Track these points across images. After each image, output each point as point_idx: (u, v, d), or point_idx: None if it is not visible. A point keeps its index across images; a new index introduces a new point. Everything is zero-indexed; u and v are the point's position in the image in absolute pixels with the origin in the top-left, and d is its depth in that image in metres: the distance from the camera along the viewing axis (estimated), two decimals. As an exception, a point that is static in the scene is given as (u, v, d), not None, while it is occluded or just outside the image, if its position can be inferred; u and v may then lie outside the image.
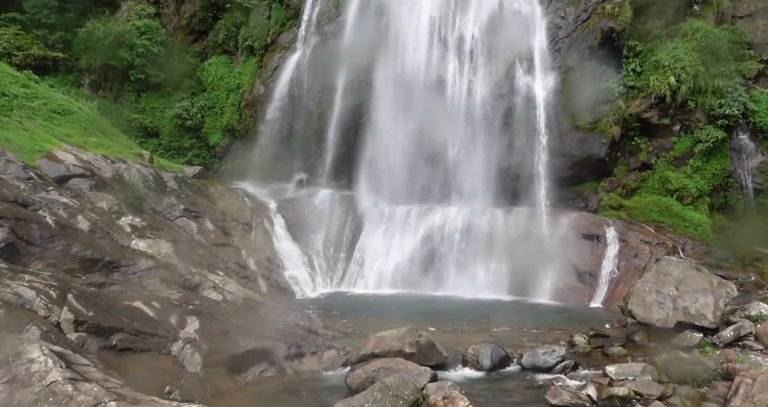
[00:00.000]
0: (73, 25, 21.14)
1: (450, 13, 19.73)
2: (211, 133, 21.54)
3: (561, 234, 15.41)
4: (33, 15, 21.08)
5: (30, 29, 20.66)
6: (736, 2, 15.40)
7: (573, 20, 17.99)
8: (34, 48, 19.11)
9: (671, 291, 8.86)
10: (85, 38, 20.34)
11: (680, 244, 14.02)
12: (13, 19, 20.62)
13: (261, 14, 21.97)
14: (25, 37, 19.40)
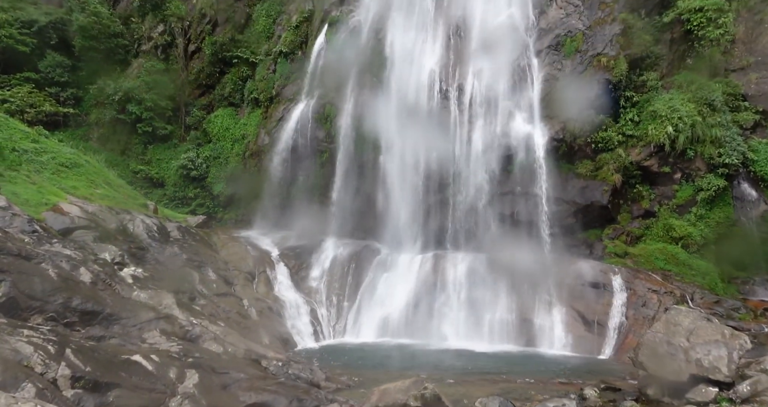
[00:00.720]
0: (85, 83, 22.00)
1: (449, 65, 20.33)
2: (216, 183, 21.81)
3: (567, 282, 15.24)
4: (47, 74, 22.09)
5: (43, 87, 21.57)
6: (728, 56, 15.95)
7: (570, 72, 18.49)
8: (46, 105, 19.91)
9: (682, 342, 8.64)
10: (96, 94, 21.15)
11: (689, 293, 13.81)
12: (28, 78, 21.60)
13: (267, 68, 22.73)
14: (38, 94, 20.26)
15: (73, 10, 22.26)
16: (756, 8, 15.97)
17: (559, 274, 15.48)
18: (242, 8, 23.29)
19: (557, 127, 18.16)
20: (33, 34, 22.32)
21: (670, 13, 16.25)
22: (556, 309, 14.65)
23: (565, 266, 15.66)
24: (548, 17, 19.39)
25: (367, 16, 21.44)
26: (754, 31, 15.84)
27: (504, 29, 19.79)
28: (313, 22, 22.82)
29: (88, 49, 22.31)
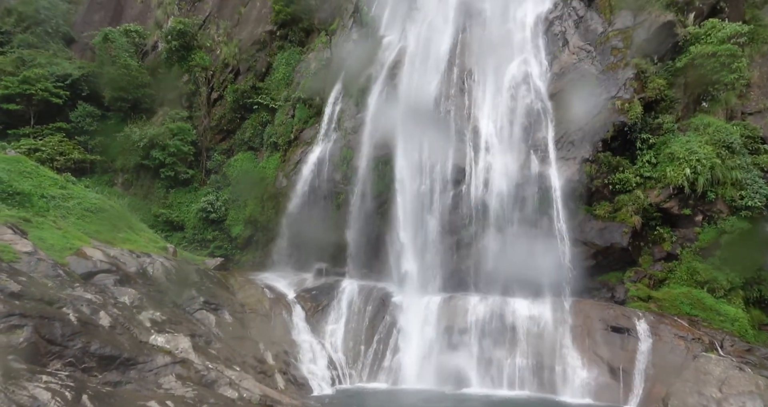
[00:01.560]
0: (112, 131, 23.03)
1: (464, 106, 20.63)
2: (234, 225, 22.09)
3: (589, 326, 14.85)
4: (77, 123, 23.22)
5: (73, 136, 22.67)
6: (744, 100, 15.98)
7: (584, 115, 18.64)
8: (74, 152, 20.91)
9: (714, 392, 8.32)
10: (123, 142, 22.08)
11: (717, 340, 13.30)
12: (60, 127, 22.75)
13: (285, 113, 23.38)
14: (68, 143, 21.35)
15: (105, 63, 23.57)
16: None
17: (580, 318, 15.12)
18: (263, 57, 24.24)
19: (573, 168, 18.13)
20: (66, 87, 23.54)
21: (683, 58, 16.45)
22: (577, 354, 14.23)
23: (586, 309, 15.30)
24: (561, 62, 19.69)
25: (383, 63, 22.00)
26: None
27: (518, 73, 20.11)
28: (330, 69, 23.54)
29: (116, 99, 23.43)
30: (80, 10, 27.99)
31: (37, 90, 21.93)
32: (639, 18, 17.39)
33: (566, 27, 19.68)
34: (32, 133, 22.23)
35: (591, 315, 15.01)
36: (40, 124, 22.61)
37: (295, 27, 23.98)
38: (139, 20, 26.95)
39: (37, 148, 20.38)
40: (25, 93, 22.27)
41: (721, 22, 16.05)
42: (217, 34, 24.70)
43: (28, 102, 22.51)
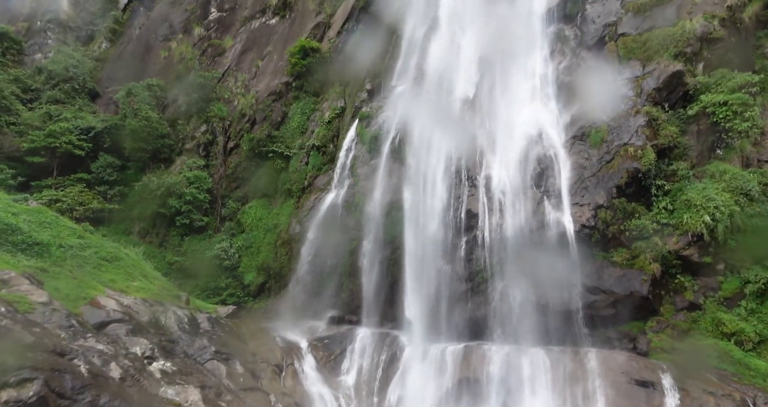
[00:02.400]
0: (131, 180, 23.75)
1: (476, 153, 20.76)
2: (247, 272, 22.07)
3: (611, 378, 14.26)
4: (98, 174, 23.97)
5: (93, 186, 23.37)
6: (759, 148, 15.93)
7: (597, 161, 18.56)
8: (94, 202, 21.55)
9: (749, 457, 7.82)
10: (140, 191, 22.67)
11: (750, 397, 12.66)
12: (81, 178, 23.55)
13: (300, 161, 23.77)
14: (88, 193, 22.06)
15: (127, 116, 24.55)
16: (782, 102, 16.24)
17: (602, 370, 14.55)
18: (279, 107, 24.95)
19: (588, 214, 17.95)
20: (89, 139, 24.49)
21: (695, 107, 16.52)
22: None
23: (607, 361, 14.74)
24: (571, 109, 19.90)
25: (395, 112, 22.42)
26: (782, 124, 15.97)
27: (529, 122, 20.30)
28: (344, 118, 24.07)
29: (136, 150, 24.21)
30: (106, 67, 29.43)
31: (61, 143, 22.82)
32: (648, 67, 17.68)
33: (576, 76, 20.02)
34: (54, 184, 22.94)
35: (612, 367, 14.45)
36: (62, 175, 23.33)
37: (311, 78, 24.78)
38: (161, 75, 28.16)
39: (58, 198, 21.02)
40: (50, 146, 23.17)
41: (731, 71, 16.24)
42: (235, 86, 25.62)
43: (52, 154, 23.33)
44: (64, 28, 30.29)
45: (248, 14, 27.86)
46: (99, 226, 20.83)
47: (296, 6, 26.48)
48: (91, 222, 18.78)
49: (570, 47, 20.45)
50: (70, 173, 23.55)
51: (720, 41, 16.71)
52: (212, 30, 28.34)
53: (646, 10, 18.01)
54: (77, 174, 23.43)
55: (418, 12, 23.14)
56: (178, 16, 29.80)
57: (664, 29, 17.39)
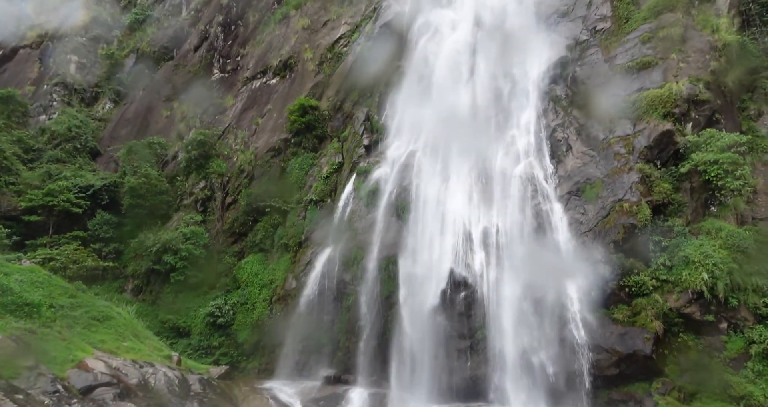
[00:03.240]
0: (127, 237, 23.67)
1: (473, 209, 20.86)
2: (241, 330, 21.56)
3: (619, 445, 13.67)
4: (94, 231, 23.93)
5: (89, 243, 23.29)
6: (753, 206, 16.08)
7: (593, 216, 18.64)
8: (88, 260, 21.48)
9: None
10: (136, 247, 22.61)
11: (762, 467, 12.11)
12: (76, 236, 23.46)
13: (297, 215, 23.81)
14: (83, 251, 22.00)
15: (126, 173, 24.92)
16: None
17: (609, 436, 13.97)
18: (278, 163, 25.28)
19: (587, 269, 17.85)
20: (87, 197, 24.70)
21: (686, 165, 16.80)
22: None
23: (614, 427, 14.18)
24: (566, 166, 20.18)
25: (393, 166, 22.70)
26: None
27: (524, 176, 20.53)
28: (342, 173, 24.33)
29: (134, 207, 24.33)
30: (109, 126, 30.19)
31: (59, 201, 22.95)
32: (638, 126, 18.14)
33: (568, 133, 20.47)
34: (49, 242, 22.85)
35: (620, 433, 13.89)
36: (58, 233, 23.30)
37: (309, 134, 25.25)
38: (162, 133, 28.80)
39: (52, 257, 20.92)
40: (48, 204, 23.27)
41: (719, 132, 16.66)
42: (235, 142, 26.09)
43: (49, 213, 23.41)
44: (69, 91, 31.29)
45: (249, 75, 28.80)
46: (92, 284, 20.54)
47: (296, 67, 27.41)
48: (84, 281, 18.56)
49: (562, 106, 21.06)
50: (66, 231, 23.53)
51: (706, 103, 17.25)
52: (214, 90, 29.20)
53: (633, 73, 18.70)
54: (73, 232, 23.41)
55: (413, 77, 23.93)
56: (181, 78, 30.81)
57: (652, 91, 17.99)
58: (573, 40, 21.12)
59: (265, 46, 29.08)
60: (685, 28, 18.36)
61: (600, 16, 20.97)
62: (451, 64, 23.52)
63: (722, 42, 18.00)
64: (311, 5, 28.66)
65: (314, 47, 27.03)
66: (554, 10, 22.03)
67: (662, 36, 18.42)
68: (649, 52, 18.65)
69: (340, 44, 26.97)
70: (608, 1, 21.02)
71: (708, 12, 18.67)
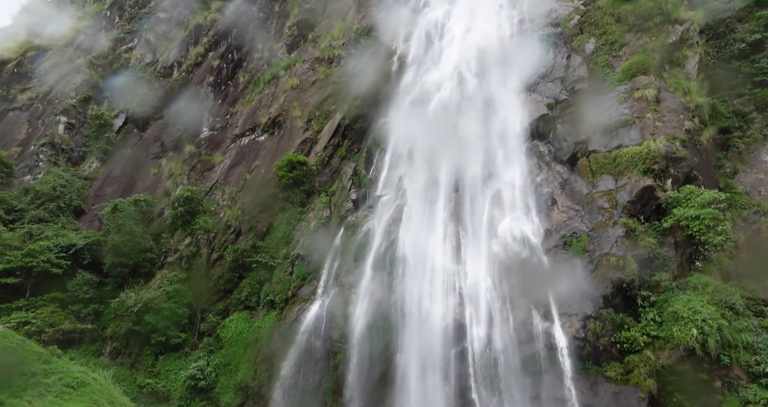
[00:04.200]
0: (107, 297, 23.13)
1: (460, 263, 20.76)
2: (224, 393, 20.66)
3: None
4: (73, 292, 23.36)
5: (67, 305, 22.65)
6: (736, 261, 16.22)
7: (581, 270, 18.68)
8: (65, 323, 20.82)
9: None
10: (116, 307, 22.01)
11: None
12: (54, 298, 22.83)
13: (284, 271, 23.49)
14: (60, 313, 21.32)
15: (110, 231, 24.58)
16: (750, 219, 16.81)
17: None
18: (265, 218, 25.23)
19: (577, 325, 17.59)
20: (69, 257, 24.27)
21: (669, 220, 17.00)
22: None
23: None
24: (552, 220, 20.34)
25: (380, 220, 22.76)
26: (755, 240, 16.41)
27: (511, 230, 20.62)
28: (330, 227, 24.31)
29: (116, 266, 23.90)
30: (94, 185, 30.14)
31: (38, 262, 22.48)
32: (620, 182, 18.49)
33: (553, 188, 20.78)
34: (26, 305, 22.23)
35: None
36: (35, 295, 22.69)
37: (297, 189, 25.39)
38: (149, 190, 28.86)
39: (28, 320, 20.33)
40: (27, 265, 22.75)
41: (698, 188, 17.02)
42: (222, 198, 26.11)
43: (27, 274, 22.90)
44: (57, 150, 31.49)
45: (239, 132, 29.30)
46: (69, 348, 19.81)
47: (285, 124, 27.97)
48: (60, 345, 17.82)
49: (545, 161, 21.50)
50: (45, 293, 22.95)
51: (684, 160, 17.72)
52: (203, 147, 29.57)
53: (612, 131, 19.28)
54: (51, 294, 22.81)
55: (400, 132, 24.47)
56: (170, 136, 31.25)
57: (631, 148, 18.50)
58: (553, 99, 21.87)
59: (254, 104, 29.80)
60: (658, 89, 19.15)
61: (578, 77, 21.85)
62: (437, 120, 24.15)
63: (694, 103, 18.76)
64: (300, 66, 29.66)
65: (303, 105, 27.73)
66: (534, 72, 22.93)
67: (637, 97, 19.16)
68: (626, 112, 19.32)
69: (328, 102, 27.70)
70: (585, 64, 21.97)
71: (678, 75, 19.57)
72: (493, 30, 24.97)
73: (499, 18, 25.45)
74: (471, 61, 24.92)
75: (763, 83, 19.78)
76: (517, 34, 24.35)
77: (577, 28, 23.14)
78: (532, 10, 24.87)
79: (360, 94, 26.61)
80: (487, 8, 26.42)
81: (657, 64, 19.69)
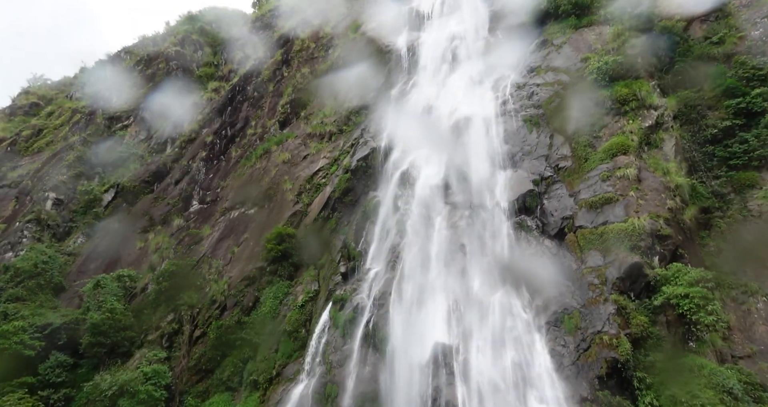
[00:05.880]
0: (81, 380, 21.83)
1: (453, 337, 20.27)
2: None
3: None
4: (45, 376, 22.15)
5: (37, 390, 21.32)
6: (730, 342, 16.03)
7: (574, 349, 18.20)
8: None
9: None
10: (90, 392, 20.76)
11: None
12: (24, 382, 21.56)
13: (269, 348, 22.69)
14: (28, 400, 19.99)
15: (90, 309, 23.78)
16: (740, 299, 16.82)
17: None
18: (252, 292, 24.75)
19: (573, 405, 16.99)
20: (44, 337, 23.14)
21: (659, 298, 16.88)
22: None
23: None
24: (542, 295, 20.22)
25: (370, 293, 22.44)
26: (746, 320, 16.33)
27: (501, 306, 20.38)
28: (317, 301, 23.89)
29: (93, 345, 22.91)
30: (78, 260, 29.64)
31: (11, 344, 21.40)
32: (608, 258, 18.59)
33: (543, 262, 20.84)
34: (-9, 391, 20.76)
35: None
36: (4, 380, 21.31)
37: (285, 262, 25.16)
38: (134, 265, 28.40)
39: (-11, 412, 18.88)
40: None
41: (685, 266, 17.16)
42: (209, 272, 25.71)
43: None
44: (42, 226, 31.26)
45: (228, 205, 29.47)
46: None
47: (275, 197, 28.25)
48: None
49: (534, 236, 21.71)
50: (14, 377, 21.57)
51: (669, 238, 17.99)
52: (192, 220, 29.56)
53: (597, 207, 19.69)
54: (21, 378, 21.50)
55: (388, 206, 24.78)
56: (159, 210, 31.33)
57: (617, 225, 18.80)
58: (538, 176, 22.48)
59: (245, 178, 30.25)
60: (638, 169, 19.82)
61: (561, 156, 22.64)
62: (426, 195, 24.58)
63: (674, 183, 19.36)
64: (292, 141, 30.50)
65: (294, 179, 28.17)
66: (519, 149, 23.76)
67: (619, 175, 19.77)
68: (609, 189, 19.84)
69: (319, 176, 28.19)
70: (567, 143, 22.85)
71: (657, 156, 20.38)
72: (478, 110, 26.12)
73: (483, 100, 26.73)
74: (459, 139, 25.84)
75: (738, 166, 20.52)
76: (500, 114, 25.46)
77: (558, 110, 24.31)
78: (515, 93, 26.22)
79: (350, 167, 27.20)
80: (472, 91, 27.84)
81: (636, 145, 20.54)
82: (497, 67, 28.94)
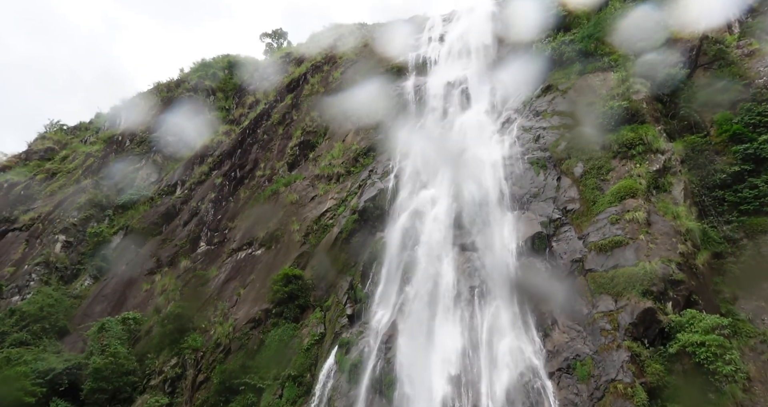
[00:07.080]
0: None
1: (461, 386, 19.77)
2: None
3: None
4: None
5: None
6: (751, 395, 15.32)
7: (588, 398, 17.59)
8: None
9: None
10: None
11: None
12: None
13: (273, 393, 22.12)
14: None
15: (93, 353, 23.44)
16: (758, 348, 16.25)
17: None
18: (257, 335, 24.39)
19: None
20: (45, 383, 22.66)
21: (674, 345, 16.33)
22: None
23: None
24: (553, 340, 19.71)
25: (377, 337, 22.07)
26: (766, 371, 15.75)
27: (512, 352, 19.90)
28: (323, 345, 23.46)
29: (95, 391, 22.43)
30: (84, 303, 29.52)
31: (12, 390, 20.77)
32: (620, 302, 18.20)
33: (553, 307, 20.46)
34: (-12, 443, 20.18)
35: None
36: None
37: (291, 304, 24.89)
38: (140, 307, 28.20)
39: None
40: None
41: (700, 313, 16.73)
42: (214, 314, 25.44)
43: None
44: (50, 269, 31.33)
45: (236, 246, 29.49)
46: None
47: (282, 238, 28.27)
48: None
49: (544, 278, 21.45)
50: (12, 427, 20.96)
51: (682, 283, 17.64)
52: (199, 262, 29.55)
53: (607, 250, 19.47)
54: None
55: (396, 247, 24.70)
56: (167, 251, 31.41)
57: (628, 268, 18.52)
58: (546, 218, 22.40)
59: (253, 219, 30.38)
60: (648, 212, 19.71)
61: (569, 198, 22.63)
62: (433, 237, 24.50)
63: (685, 227, 19.17)
64: (300, 183, 30.81)
65: (301, 220, 28.25)
66: (526, 191, 23.81)
67: (628, 218, 19.64)
68: (619, 232, 19.68)
69: (326, 217, 28.27)
70: (575, 186, 22.89)
71: (666, 200, 20.30)
72: (485, 153, 26.40)
73: (491, 143, 27.08)
74: (467, 180, 26.02)
75: (749, 212, 20.38)
76: (507, 156, 25.70)
77: (564, 153, 24.50)
78: (521, 136, 26.56)
79: (358, 208, 27.30)
80: (480, 134, 28.25)
81: (644, 189, 20.50)
82: (503, 110, 29.53)
